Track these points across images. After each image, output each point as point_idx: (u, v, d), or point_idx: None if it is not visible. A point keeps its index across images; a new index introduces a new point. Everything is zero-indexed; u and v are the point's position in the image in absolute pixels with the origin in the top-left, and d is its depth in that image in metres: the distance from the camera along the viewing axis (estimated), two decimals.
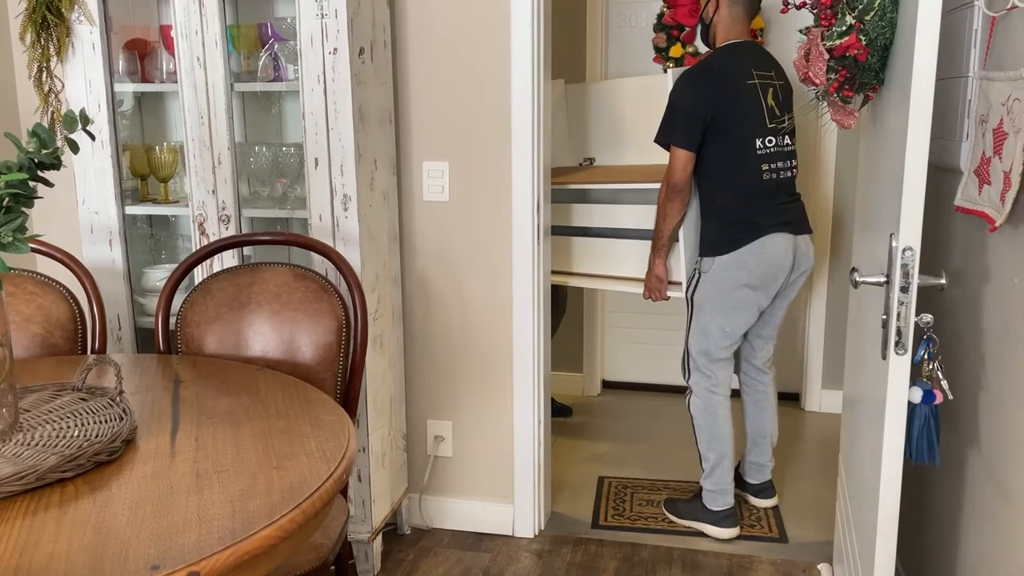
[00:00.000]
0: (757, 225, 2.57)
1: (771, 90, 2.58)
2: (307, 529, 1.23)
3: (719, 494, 2.74)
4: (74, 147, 1.51)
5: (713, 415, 2.72)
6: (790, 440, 3.59)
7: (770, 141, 2.57)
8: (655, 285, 2.76)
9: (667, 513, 2.87)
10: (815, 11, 1.78)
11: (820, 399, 3.88)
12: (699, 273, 2.65)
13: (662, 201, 2.64)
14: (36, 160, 1.40)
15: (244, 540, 1.10)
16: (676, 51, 3.72)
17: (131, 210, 2.49)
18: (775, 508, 2.96)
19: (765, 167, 2.56)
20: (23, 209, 1.36)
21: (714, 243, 2.61)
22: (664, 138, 2.62)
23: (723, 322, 2.64)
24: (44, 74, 2.39)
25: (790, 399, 3.95)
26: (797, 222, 2.65)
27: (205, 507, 1.19)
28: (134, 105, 2.65)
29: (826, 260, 3.75)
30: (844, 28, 1.60)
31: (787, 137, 2.62)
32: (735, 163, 2.57)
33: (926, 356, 1.54)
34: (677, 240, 2.73)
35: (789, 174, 2.63)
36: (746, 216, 2.58)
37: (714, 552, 2.68)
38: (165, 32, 2.44)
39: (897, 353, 1.47)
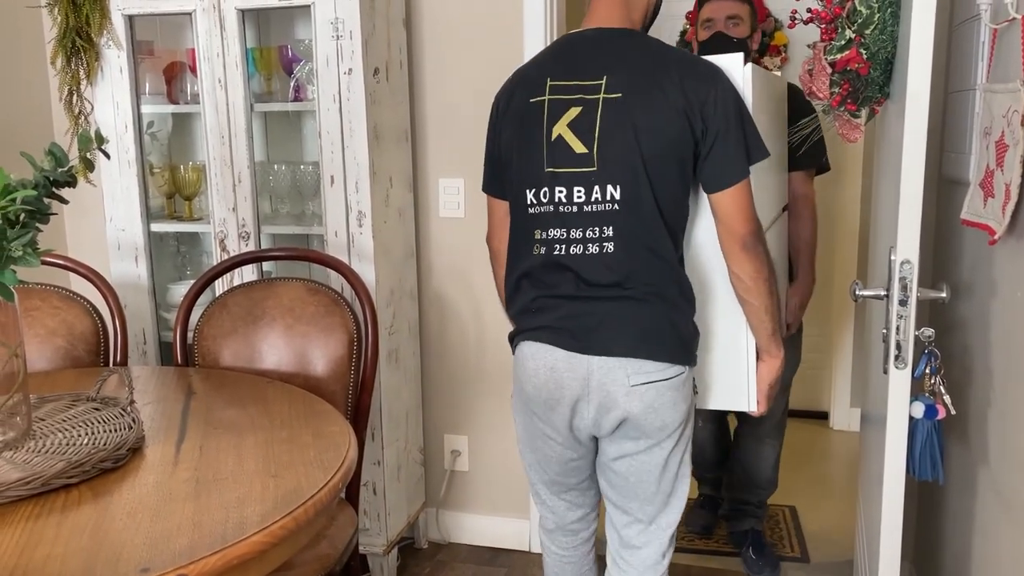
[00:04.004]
0: (515, 323, 1.70)
1: (576, 110, 1.56)
2: (299, 536, 1.26)
3: None
4: (89, 166, 1.56)
5: (544, 559, 1.93)
6: (815, 459, 3.55)
7: (546, 195, 1.58)
8: None
9: None
10: (819, 25, 1.78)
11: (848, 418, 3.83)
12: None
13: None
14: (51, 178, 1.46)
15: (234, 545, 1.14)
16: None
17: (156, 227, 2.57)
18: (797, 528, 2.92)
19: (538, 234, 1.60)
20: (37, 225, 1.42)
21: None
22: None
23: (524, 443, 1.77)
24: (74, 97, 2.48)
25: (817, 417, 3.90)
26: (581, 332, 1.57)
27: (200, 513, 1.23)
28: (163, 126, 2.73)
29: (853, 274, 3.71)
30: (844, 42, 1.60)
31: (605, 187, 1.55)
32: (511, 225, 1.71)
33: (928, 370, 1.52)
34: None
35: (589, 249, 1.56)
36: (509, 307, 1.72)
37: (733, 571, 2.65)
38: (191, 55, 2.52)
39: (897, 367, 1.46)
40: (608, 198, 1.55)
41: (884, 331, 1.50)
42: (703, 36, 2.47)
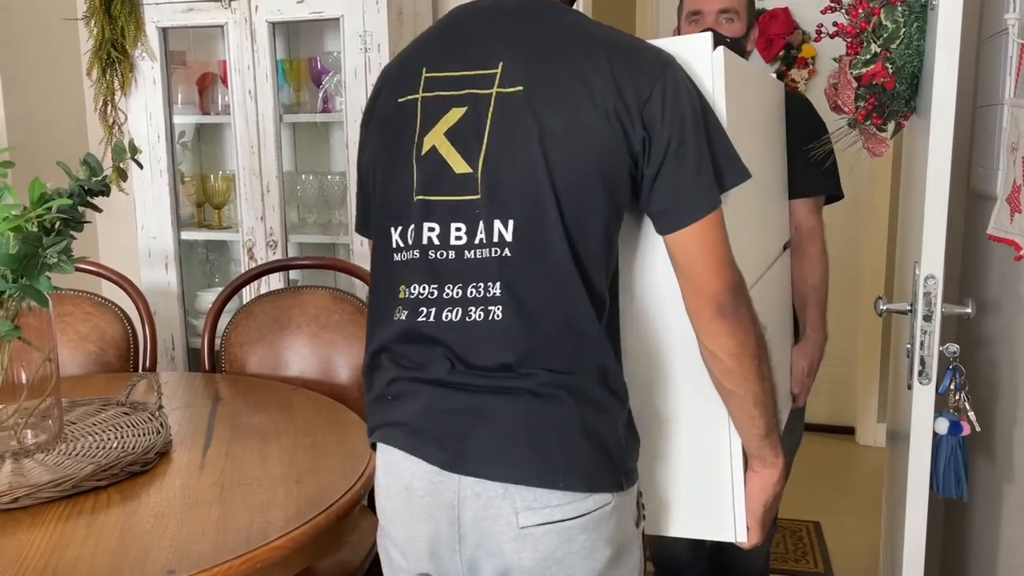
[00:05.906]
0: (368, 415, 1.19)
1: (459, 111, 1.09)
2: (322, 542, 1.28)
3: None
4: (123, 175, 1.61)
5: None
6: (840, 474, 3.51)
7: (413, 234, 1.10)
8: None
9: None
10: (845, 40, 1.78)
11: (874, 433, 3.79)
12: None
13: None
14: (86, 187, 1.50)
15: (257, 550, 1.16)
16: None
17: (186, 235, 2.61)
18: (822, 543, 2.89)
19: (402, 292, 1.12)
20: (71, 233, 1.45)
21: None
22: None
23: None
24: (109, 107, 2.53)
25: (843, 432, 3.87)
26: (450, 438, 1.07)
27: (225, 517, 1.25)
28: (194, 136, 2.78)
29: (881, 288, 3.68)
30: (869, 56, 1.60)
31: (491, 224, 1.06)
32: (373, 277, 1.21)
33: (952, 387, 1.51)
34: None
35: (470, 315, 1.07)
36: (367, 392, 1.20)
37: None
38: (222, 66, 2.57)
39: (921, 383, 1.45)
40: (496, 240, 1.05)
41: (908, 346, 1.49)
42: (689, 32, 1.85)
